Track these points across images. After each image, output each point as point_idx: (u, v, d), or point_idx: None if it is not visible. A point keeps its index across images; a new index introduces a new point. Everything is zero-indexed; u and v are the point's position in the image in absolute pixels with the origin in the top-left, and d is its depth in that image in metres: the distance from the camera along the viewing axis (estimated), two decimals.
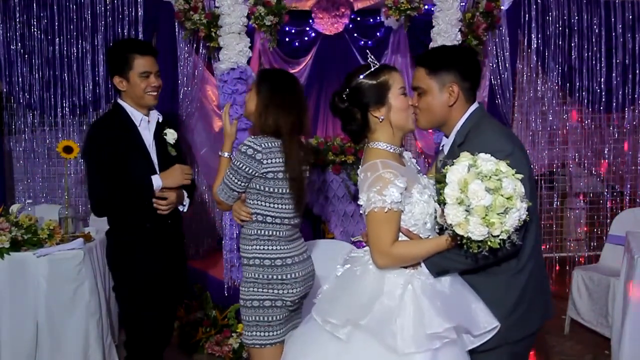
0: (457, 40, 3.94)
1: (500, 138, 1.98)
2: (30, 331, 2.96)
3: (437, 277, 1.95)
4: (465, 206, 1.71)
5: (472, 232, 1.70)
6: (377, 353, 1.87)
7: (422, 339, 1.83)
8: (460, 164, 1.76)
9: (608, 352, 3.57)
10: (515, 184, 1.72)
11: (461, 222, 1.71)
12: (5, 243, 2.96)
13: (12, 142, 4.75)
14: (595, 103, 4.90)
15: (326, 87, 5.30)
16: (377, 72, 2.05)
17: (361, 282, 2.01)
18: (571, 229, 5.42)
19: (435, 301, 1.89)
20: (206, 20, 3.97)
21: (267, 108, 2.34)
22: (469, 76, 2.09)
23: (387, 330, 1.85)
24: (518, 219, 1.71)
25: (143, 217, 2.68)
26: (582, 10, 4.79)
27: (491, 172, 1.72)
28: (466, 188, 1.71)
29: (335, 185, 4.09)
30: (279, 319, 2.35)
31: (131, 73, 2.64)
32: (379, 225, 1.94)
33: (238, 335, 3.70)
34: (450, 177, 1.75)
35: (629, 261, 3.20)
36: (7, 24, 4.39)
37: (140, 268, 2.68)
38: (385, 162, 1.97)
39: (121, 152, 2.61)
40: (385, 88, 2.03)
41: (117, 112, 2.71)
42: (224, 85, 3.83)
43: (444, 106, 2.08)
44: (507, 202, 1.69)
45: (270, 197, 2.34)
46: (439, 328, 1.82)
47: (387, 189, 1.90)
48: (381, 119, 2.03)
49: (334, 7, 5.10)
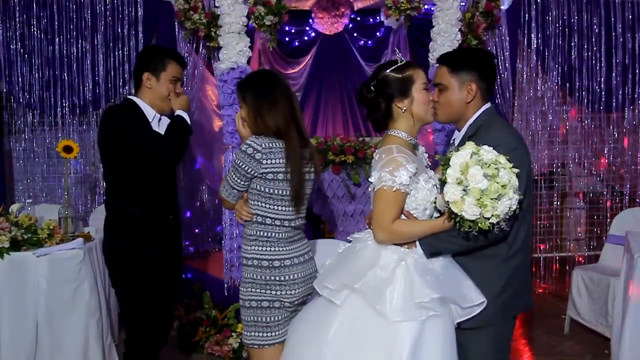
0: (457, 40, 3.95)
1: (507, 134, 2.18)
2: (30, 331, 2.96)
3: (430, 257, 2.13)
4: (463, 186, 1.91)
5: (466, 210, 1.90)
6: (368, 319, 2.05)
7: (410, 308, 2.01)
8: (465, 150, 1.96)
9: (608, 352, 3.57)
10: (511, 176, 1.91)
11: (457, 200, 1.91)
12: (5, 243, 2.95)
13: (12, 142, 4.75)
14: (595, 103, 4.90)
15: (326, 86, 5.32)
16: (403, 67, 2.23)
17: (359, 254, 2.22)
18: (571, 228, 5.43)
19: (425, 276, 2.07)
20: (206, 20, 3.98)
21: (260, 113, 2.34)
22: (486, 77, 2.28)
23: (378, 297, 2.04)
24: (509, 207, 1.90)
25: (144, 208, 2.74)
26: (582, 10, 4.79)
27: (491, 161, 1.91)
28: (466, 171, 1.91)
29: (335, 185, 4.09)
30: (278, 320, 2.34)
31: (163, 74, 2.79)
32: (385, 202, 2.13)
33: (238, 335, 3.70)
34: (454, 160, 1.95)
35: (628, 261, 3.20)
36: (7, 23, 4.39)
37: (141, 258, 2.72)
38: (400, 148, 2.15)
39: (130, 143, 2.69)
40: (410, 82, 2.21)
41: (131, 106, 2.78)
42: (224, 85, 3.83)
43: (462, 102, 2.26)
44: (501, 189, 1.88)
45: (270, 198, 2.33)
46: (425, 298, 2.00)
47: (398, 170, 2.09)
48: (404, 110, 2.22)
49: (333, 6, 5.11)
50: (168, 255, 2.83)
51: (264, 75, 2.51)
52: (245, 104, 2.39)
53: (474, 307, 2.10)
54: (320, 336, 2.13)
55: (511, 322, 2.26)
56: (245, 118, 2.41)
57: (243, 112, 2.42)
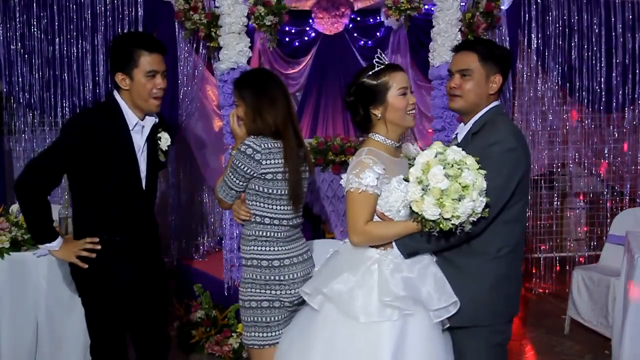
0: (457, 40, 3.94)
1: (510, 134, 2.14)
2: (30, 331, 2.96)
3: (408, 257, 2.11)
4: (423, 185, 1.89)
5: (426, 210, 1.88)
6: (347, 322, 2.05)
7: (381, 308, 2.02)
8: (431, 150, 1.95)
9: (608, 352, 3.57)
10: (477, 178, 1.87)
11: (417, 199, 1.90)
12: (5, 243, 2.96)
13: (12, 142, 4.74)
14: (595, 103, 4.90)
15: (326, 87, 5.30)
16: (379, 73, 2.19)
17: (337, 258, 2.25)
18: (571, 228, 5.43)
19: (395, 274, 2.06)
20: (206, 20, 3.97)
21: (260, 111, 2.33)
22: (505, 74, 2.26)
23: (346, 299, 2.06)
24: (472, 209, 1.87)
25: (111, 229, 2.43)
26: (582, 10, 4.79)
27: (454, 161, 1.89)
28: (427, 170, 1.89)
29: (336, 185, 4.09)
30: (278, 320, 2.34)
31: (136, 71, 2.35)
32: (354, 204, 2.13)
33: (238, 335, 3.70)
34: (418, 159, 1.95)
35: (629, 261, 3.20)
36: (7, 23, 4.38)
37: (106, 281, 2.44)
38: (372, 150, 2.16)
39: (103, 157, 2.35)
40: (385, 89, 2.18)
41: (112, 109, 2.41)
42: (224, 85, 3.82)
43: (485, 93, 2.22)
44: (462, 190, 1.85)
45: (269, 198, 2.33)
46: (389, 296, 2.00)
47: (364, 172, 2.09)
48: (379, 117, 2.19)
49: (334, 7, 5.11)
50: (142, 273, 2.53)
51: (261, 73, 2.51)
52: (244, 102, 2.37)
53: (448, 307, 2.07)
54: (305, 342, 2.15)
55: (503, 329, 2.20)
56: (243, 116, 2.39)
57: (240, 110, 2.40)
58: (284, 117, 2.34)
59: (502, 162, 2.06)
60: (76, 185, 2.44)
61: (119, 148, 2.39)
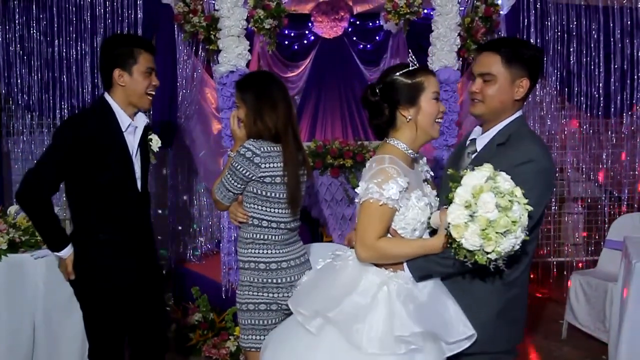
0: (456, 45, 3.95)
1: (544, 153, 1.96)
2: (27, 332, 2.96)
3: (419, 281, 1.94)
4: (470, 211, 1.69)
5: (467, 238, 1.69)
6: (345, 350, 1.85)
7: (388, 341, 1.81)
8: (481, 172, 1.74)
9: (605, 357, 3.57)
10: (523, 213, 1.70)
11: (460, 224, 1.69)
12: (3, 245, 2.95)
13: (11, 144, 4.73)
14: (593, 108, 4.90)
15: (325, 90, 5.32)
16: (414, 72, 2.04)
17: (337, 275, 2.02)
18: (569, 233, 5.43)
19: (408, 304, 1.87)
20: (205, 23, 3.98)
21: (261, 114, 2.33)
22: (535, 77, 2.06)
23: (354, 327, 1.84)
24: (512, 246, 1.70)
25: (111, 230, 2.47)
26: (581, 15, 4.80)
27: (507, 192, 1.70)
28: (478, 195, 1.69)
29: (334, 189, 4.09)
30: (275, 323, 2.34)
31: (135, 68, 2.46)
32: (371, 216, 1.93)
33: (235, 338, 3.70)
34: (467, 179, 1.74)
35: (626, 266, 3.20)
36: (7, 25, 4.38)
37: (107, 282, 2.47)
38: (394, 159, 1.97)
39: (98, 161, 2.40)
40: (420, 89, 2.02)
41: (105, 112, 2.47)
42: (223, 88, 3.82)
43: (510, 99, 2.02)
44: (511, 224, 1.67)
45: (267, 201, 2.33)
46: (406, 332, 1.80)
47: (387, 183, 1.90)
48: (408, 119, 2.02)
49: (333, 10, 5.12)
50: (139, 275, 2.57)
51: (263, 76, 2.50)
52: (245, 104, 2.38)
53: (464, 341, 1.89)
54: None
55: (509, 359, 2.05)
56: (243, 118, 2.40)
57: (241, 112, 2.40)
58: (285, 120, 2.34)
59: (535, 184, 1.87)
60: (73, 189, 2.47)
61: (114, 151, 2.44)
